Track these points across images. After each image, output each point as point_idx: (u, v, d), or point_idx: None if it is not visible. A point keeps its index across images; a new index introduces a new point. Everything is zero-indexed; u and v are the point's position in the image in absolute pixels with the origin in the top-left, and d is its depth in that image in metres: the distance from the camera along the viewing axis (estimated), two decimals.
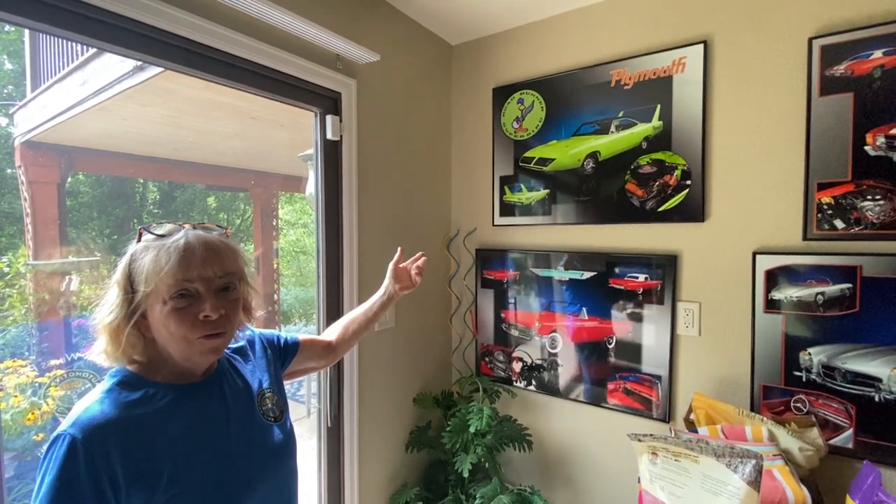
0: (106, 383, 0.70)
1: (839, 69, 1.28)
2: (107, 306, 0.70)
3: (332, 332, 1.17)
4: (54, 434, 0.63)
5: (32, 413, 2.05)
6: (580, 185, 1.73)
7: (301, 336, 1.06)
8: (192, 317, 0.69)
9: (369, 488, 1.72)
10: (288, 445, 0.85)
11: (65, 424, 0.63)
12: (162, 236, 0.71)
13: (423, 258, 1.29)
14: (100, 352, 0.70)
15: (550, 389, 1.84)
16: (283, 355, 0.99)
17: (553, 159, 1.79)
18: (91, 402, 0.66)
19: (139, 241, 0.72)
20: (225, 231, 0.79)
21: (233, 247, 0.77)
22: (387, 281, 1.23)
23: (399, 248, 1.29)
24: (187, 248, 0.69)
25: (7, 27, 2.54)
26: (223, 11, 1.21)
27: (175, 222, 0.74)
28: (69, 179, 2.62)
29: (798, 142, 1.35)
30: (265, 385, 0.87)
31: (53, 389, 2.21)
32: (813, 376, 1.34)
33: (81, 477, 0.60)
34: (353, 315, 1.21)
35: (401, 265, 1.25)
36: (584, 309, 1.74)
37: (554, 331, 1.82)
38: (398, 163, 1.82)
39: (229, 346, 0.86)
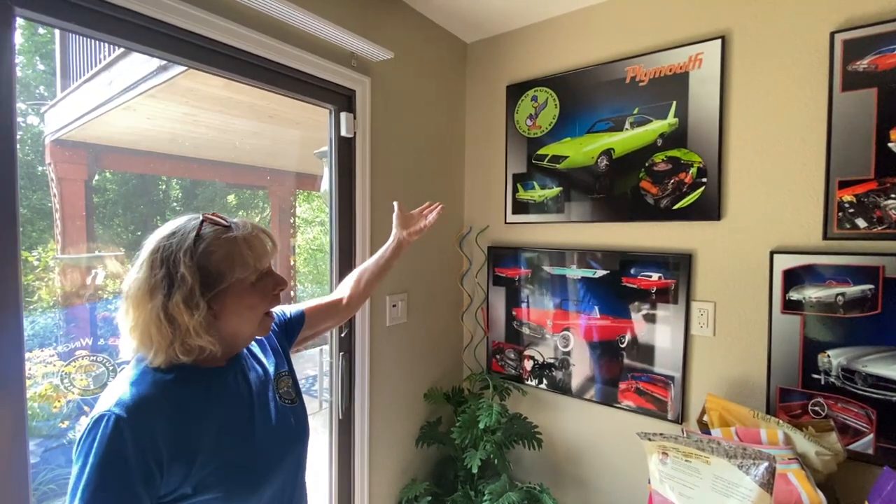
0: (139, 365, 0.70)
1: (862, 64, 1.24)
2: (181, 301, 0.68)
3: (343, 288, 1.17)
4: (96, 415, 0.63)
5: (59, 401, 2.13)
6: (594, 182, 1.72)
7: (305, 306, 1.07)
8: (269, 291, 0.78)
9: (379, 481, 1.74)
10: (304, 427, 0.88)
11: (106, 405, 0.63)
12: (228, 227, 0.75)
13: (441, 207, 1.27)
14: (141, 348, 0.71)
15: (561, 388, 1.83)
16: (289, 331, 1.01)
17: (566, 157, 1.78)
18: (129, 382, 0.67)
19: (199, 230, 0.72)
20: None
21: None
22: (394, 230, 1.22)
23: (396, 202, 1.25)
24: (258, 233, 0.77)
25: (40, 29, 2.64)
26: (243, 11, 1.24)
27: (227, 218, 0.78)
28: (96, 177, 2.71)
29: (819, 138, 1.32)
30: (282, 368, 0.90)
31: (80, 380, 2.29)
32: (832, 379, 1.31)
33: (129, 456, 0.61)
34: (364, 266, 1.20)
35: (407, 213, 1.25)
36: (596, 308, 1.73)
37: (566, 329, 1.81)
38: (411, 160, 1.84)
39: None
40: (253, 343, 0.90)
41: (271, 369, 0.87)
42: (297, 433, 0.85)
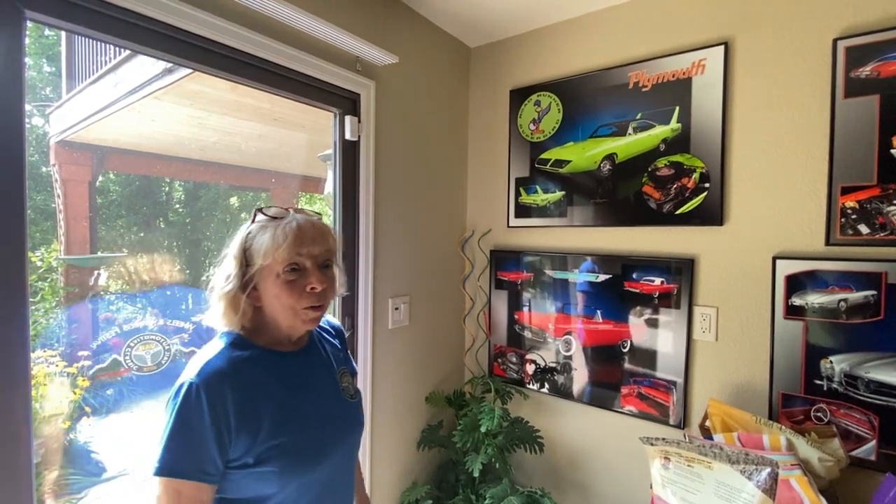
0: (220, 343, 0.79)
1: (865, 71, 1.25)
2: (224, 277, 0.79)
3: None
4: (181, 382, 0.72)
5: (61, 401, 2.14)
6: (596, 187, 1.72)
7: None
8: (300, 289, 0.78)
9: (380, 485, 1.74)
10: (359, 419, 0.94)
11: (189, 374, 0.73)
12: (274, 218, 0.81)
13: None
14: (217, 317, 0.80)
15: (563, 392, 1.83)
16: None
17: (569, 161, 1.79)
18: (210, 356, 0.76)
19: (253, 221, 0.81)
20: (320, 216, 0.88)
21: (331, 229, 0.87)
22: None
23: None
24: (300, 228, 0.79)
25: (47, 31, 2.66)
26: (249, 15, 1.25)
27: (282, 207, 0.84)
28: (100, 178, 2.72)
29: (821, 144, 1.32)
30: (343, 366, 0.97)
31: (81, 380, 2.29)
32: (834, 385, 1.30)
33: (205, 416, 0.70)
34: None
35: None
36: (598, 312, 1.73)
37: (568, 333, 1.81)
38: (415, 163, 1.85)
39: (321, 324, 0.99)
40: (326, 338, 0.97)
41: (336, 364, 0.94)
42: (352, 424, 0.91)
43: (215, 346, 0.79)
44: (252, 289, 0.79)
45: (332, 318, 1.07)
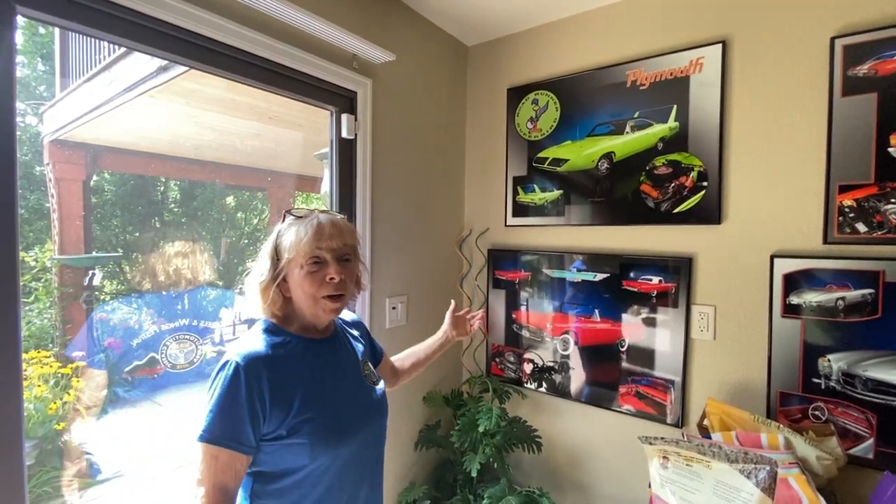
0: (258, 328, 0.89)
1: (862, 69, 1.25)
2: (258, 271, 0.89)
3: (397, 360, 1.30)
4: (224, 360, 0.82)
5: (55, 403, 2.12)
6: (594, 186, 1.72)
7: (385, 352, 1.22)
8: (320, 279, 0.87)
9: None
10: (383, 405, 1.01)
11: (232, 354, 0.81)
12: (300, 217, 0.90)
13: (483, 315, 1.43)
14: (254, 305, 0.90)
15: (561, 392, 1.82)
16: (374, 355, 1.15)
17: (567, 160, 1.78)
18: (249, 340, 0.86)
19: (283, 221, 0.91)
20: (343, 217, 0.97)
21: (350, 227, 0.95)
22: (446, 325, 1.37)
23: (452, 302, 1.42)
24: (320, 224, 0.88)
25: (41, 29, 2.64)
26: (245, 12, 1.24)
27: (309, 208, 0.94)
28: (94, 177, 2.70)
29: (819, 143, 1.32)
30: (364, 355, 1.05)
31: (76, 381, 2.27)
32: (832, 384, 1.30)
33: (242, 392, 0.78)
34: (413, 349, 1.34)
35: (458, 314, 1.40)
36: (596, 311, 1.72)
37: (565, 333, 1.80)
38: (412, 162, 1.84)
39: (344, 318, 1.09)
40: (349, 330, 1.07)
41: (359, 353, 1.03)
42: (377, 407, 0.98)
43: (254, 332, 0.89)
44: (282, 280, 0.88)
45: (352, 313, 1.17)
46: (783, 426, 1.21)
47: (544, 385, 1.87)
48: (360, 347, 1.05)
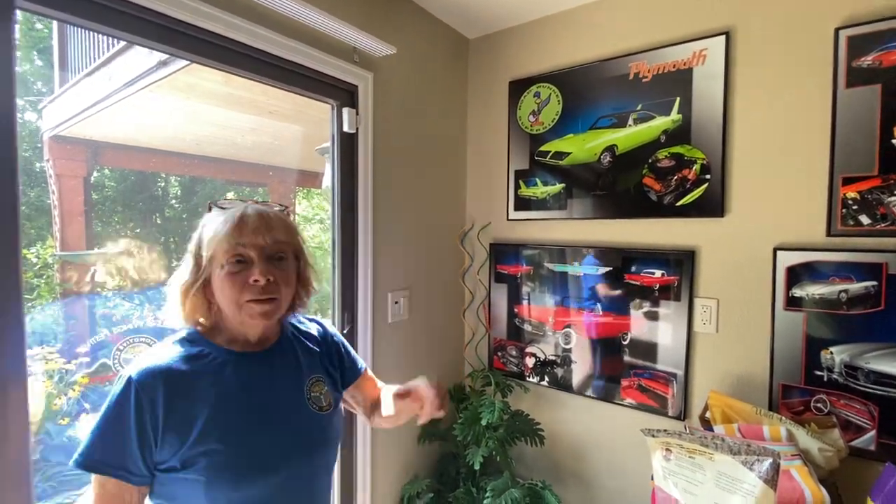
0: (174, 337, 0.78)
1: (866, 60, 1.24)
2: (180, 271, 0.78)
3: (376, 403, 1.06)
4: (119, 374, 0.71)
5: (59, 398, 2.13)
6: (596, 179, 1.71)
7: (367, 369, 1.05)
8: (242, 280, 0.74)
9: (381, 479, 1.74)
10: (328, 434, 0.84)
11: (130, 366, 0.71)
12: (225, 209, 0.78)
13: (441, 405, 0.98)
14: (171, 312, 0.78)
15: (563, 385, 1.83)
16: (344, 373, 0.96)
17: (569, 153, 1.77)
18: (154, 352, 0.74)
19: (210, 212, 0.79)
20: (286, 209, 0.84)
21: (286, 221, 0.81)
22: (429, 397, 0.96)
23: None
24: (242, 217, 0.75)
25: (38, 24, 2.62)
26: (245, 4, 1.23)
27: (242, 199, 0.81)
28: (95, 174, 2.69)
29: (822, 135, 1.32)
30: (315, 373, 0.87)
31: (81, 378, 2.28)
32: (835, 376, 1.31)
33: (131, 412, 0.67)
34: (385, 404, 1.02)
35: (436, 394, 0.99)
36: (598, 305, 1.72)
37: (568, 326, 1.81)
38: (413, 155, 1.83)
39: (303, 328, 0.93)
40: (304, 341, 0.90)
41: (309, 372, 0.86)
42: (317, 437, 0.82)
43: (164, 343, 0.77)
44: (205, 283, 0.76)
45: (324, 320, 1.00)
46: (785, 418, 1.22)
47: (546, 379, 1.87)
48: (313, 364, 0.88)
